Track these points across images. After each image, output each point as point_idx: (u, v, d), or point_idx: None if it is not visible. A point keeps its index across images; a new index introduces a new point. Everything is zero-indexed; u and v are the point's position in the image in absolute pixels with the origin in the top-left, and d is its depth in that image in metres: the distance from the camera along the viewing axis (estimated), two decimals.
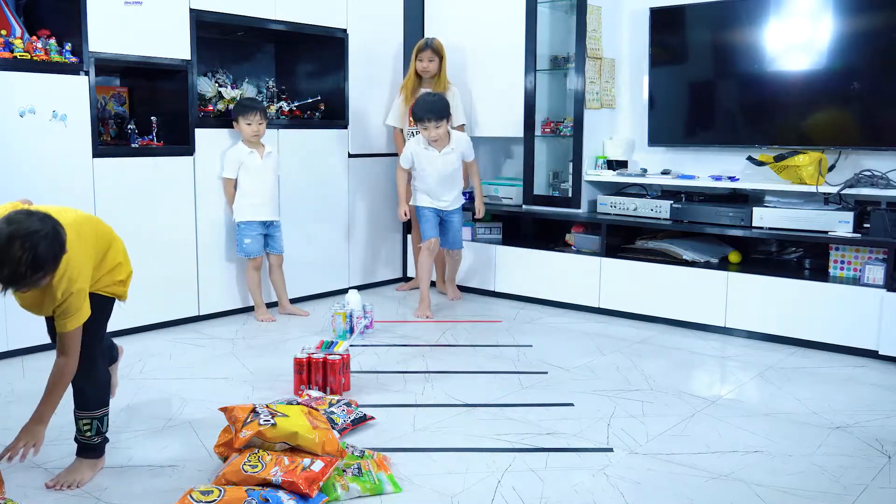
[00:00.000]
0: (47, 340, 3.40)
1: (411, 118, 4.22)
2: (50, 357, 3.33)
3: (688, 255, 4.01)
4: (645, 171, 4.41)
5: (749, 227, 3.82)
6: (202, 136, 3.90)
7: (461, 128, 4.53)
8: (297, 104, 4.50)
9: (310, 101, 4.52)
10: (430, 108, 3.98)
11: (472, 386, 3.02)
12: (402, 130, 4.58)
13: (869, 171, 3.66)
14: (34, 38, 3.36)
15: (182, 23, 3.77)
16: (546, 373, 3.21)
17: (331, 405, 2.64)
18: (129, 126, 3.79)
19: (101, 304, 2.25)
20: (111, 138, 3.85)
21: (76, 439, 2.28)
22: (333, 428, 2.38)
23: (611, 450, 2.43)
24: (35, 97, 3.28)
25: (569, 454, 2.40)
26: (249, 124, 3.89)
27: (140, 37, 3.61)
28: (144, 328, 3.74)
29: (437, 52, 4.46)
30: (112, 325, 3.61)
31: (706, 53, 4.21)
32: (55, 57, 3.36)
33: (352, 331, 3.70)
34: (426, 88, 4.45)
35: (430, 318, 4.08)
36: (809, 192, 3.73)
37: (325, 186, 4.52)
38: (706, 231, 3.96)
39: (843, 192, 3.63)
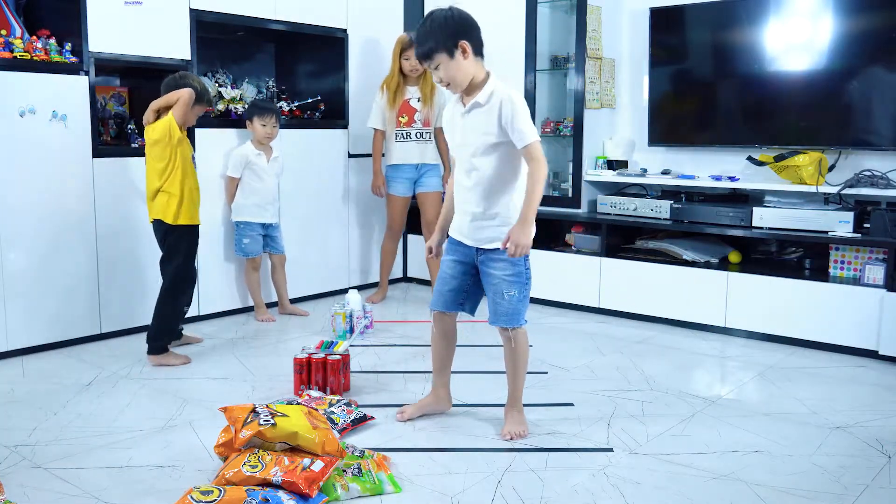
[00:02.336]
0: (47, 340, 3.45)
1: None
2: (49, 357, 3.36)
3: (688, 255, 4.00)
4: (645, 171, 4.41)
5: (749, 227, 3.82)
6: (202, 135, 3.90)
7: (440, 130, 4.38)
8: (297, 104, 4.50)
9: (310, 101, 4.52)
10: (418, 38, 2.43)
11: (472, 386, 3.02)
12: (383, 133, 4.36)
13: (869, 171, 3.66)
14: (34, 38, 3.36)
15: (182, 23, 3.77)
16: (546, 373, 3.21)
17: (331, 405, 2.64)
18: (129, 126, 3.79)
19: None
20: (111, 138, 3.85)
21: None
22: (333, 428, 2.38)
23: (611, 450, 2.43)
24: (35, 97, 3.28)
25: (569, 454, 2.40)
26: (264, 126, 3.91)
27: (140, 37, 3.61)
28: (145, 328, 3.73)
29: None
30: (113, 325, 3.68)
31: (706, 53, 4.21)
32: (55, 57, 3.36)
33: (352, 331, 3.70)
34: (412, 87, 4.31)
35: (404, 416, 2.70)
36: (809, 192, 3.73)
37: (325, 186, 4.52)
38: (706, 231, 3.96)
39: (843, 192, 3.63)
